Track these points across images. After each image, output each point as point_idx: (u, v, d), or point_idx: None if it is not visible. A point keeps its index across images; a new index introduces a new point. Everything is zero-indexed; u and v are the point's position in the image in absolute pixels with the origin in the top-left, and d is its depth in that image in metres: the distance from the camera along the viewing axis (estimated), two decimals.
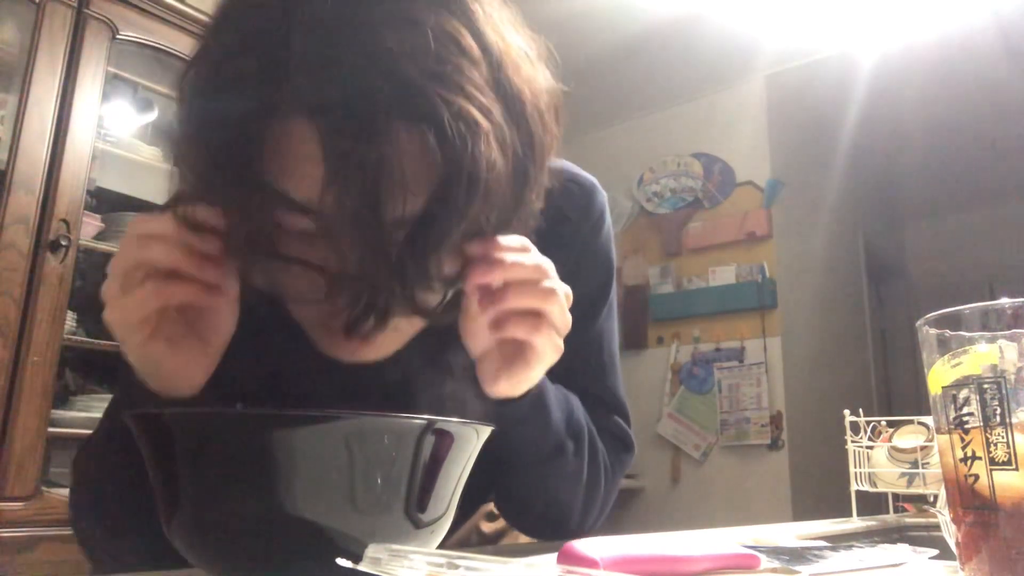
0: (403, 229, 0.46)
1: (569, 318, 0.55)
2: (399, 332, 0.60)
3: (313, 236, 0.48)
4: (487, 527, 0.88)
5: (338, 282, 0.48)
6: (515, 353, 0.54)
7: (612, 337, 0.76)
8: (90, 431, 0.69)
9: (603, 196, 0.74)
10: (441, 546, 0.45)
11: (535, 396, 0.60)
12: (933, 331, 0.44)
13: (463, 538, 0.85)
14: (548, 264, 0.53)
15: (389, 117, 0.43)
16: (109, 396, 2.00)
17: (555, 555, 0.46)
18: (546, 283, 0.52)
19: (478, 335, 0.54)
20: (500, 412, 0.58)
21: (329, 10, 0.44)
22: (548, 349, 0.54)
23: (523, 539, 0.92)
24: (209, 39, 0.49)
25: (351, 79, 0.43)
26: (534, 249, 0.53)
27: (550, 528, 0.72)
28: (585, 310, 0.69)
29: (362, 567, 0.34)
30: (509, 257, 0.50)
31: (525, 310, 0.52)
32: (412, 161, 0.44)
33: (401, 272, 0.47)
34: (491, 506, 0.88)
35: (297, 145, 0.45)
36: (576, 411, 0.67)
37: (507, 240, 0.51)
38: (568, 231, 0.70)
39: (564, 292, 0.54)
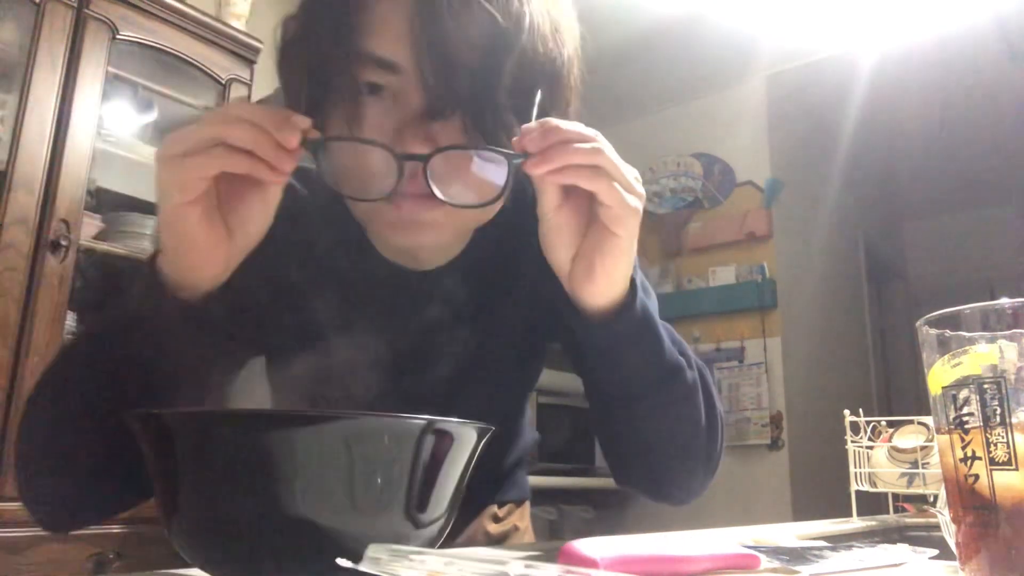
0: (472, 81, 0.54)
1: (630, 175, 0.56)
2: (448, 229, 0.62)
3: (383, 117, 0.56)
4: (493, 528, 0.88)
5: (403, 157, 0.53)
6: (600, 239, 0.56)
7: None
8: None
9: None
10: (446, 547, 0.45)
11: (642, 309, 0.60)
12: (933, 331, 0.44)
13: (469, 539, 0.86)
14: (595, 132, 0.54)
15: None
16: None
17: (555, 555, 0.46)
18: (597, 144, 0.53)
19: (561, 230, 0.57)
20: (610, 332, 0.59)
21: None
22: (624, 209, 0.55)
23: (528, 539, 0.93)
24: None
25: None
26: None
27: (676, 481, 0.71)
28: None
29: (362, 567, 0.34)
30: (561, 124, 0.53)
31: (584, 164, 0.53)
32: (480, 24, 0.54)
33: (479, 117, 0.55)
34: (495, 508, 0.89)
35: (386, 4, 0.55)
36: (673, 332, 0.66)
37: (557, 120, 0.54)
38: None
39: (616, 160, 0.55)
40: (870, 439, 1.26)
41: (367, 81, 0.56)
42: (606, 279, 0.57)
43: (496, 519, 0.89)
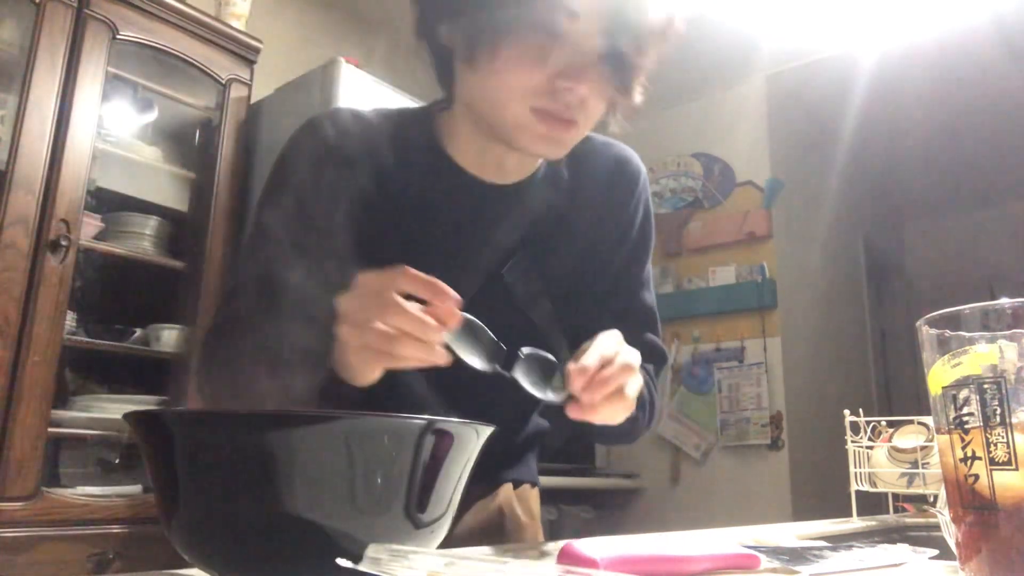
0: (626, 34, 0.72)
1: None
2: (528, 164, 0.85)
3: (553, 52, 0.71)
4: (512, 508, 0.93)
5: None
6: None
7: (647, 258, 0.96)
8: (90, 431, 0.70)
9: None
10: (463, 521, 0.45)
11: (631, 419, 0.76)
12: (933, 331, 0.44)
13: (488, 513, 0.91)
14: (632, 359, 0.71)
15: None
16: (109, 396, 2.00)
17: (555, 555, 0.46)
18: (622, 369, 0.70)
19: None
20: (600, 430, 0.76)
21: None
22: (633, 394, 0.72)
23: (536, 531, 0.95)
24: None
25: None
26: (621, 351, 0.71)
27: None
28: (620, 239, 0.91)
29: (362, 567, 0.34)
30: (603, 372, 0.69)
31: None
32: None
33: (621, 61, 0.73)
34: (511, 487, 0.95)
35: None
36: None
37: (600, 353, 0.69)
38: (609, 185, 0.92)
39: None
40: (870, 439, 1.26)
41: (550, 26, 0.70)
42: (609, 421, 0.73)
43: (517, 500, 0.94)
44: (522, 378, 0.67)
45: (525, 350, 0.67)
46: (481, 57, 0.72)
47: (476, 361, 0.64)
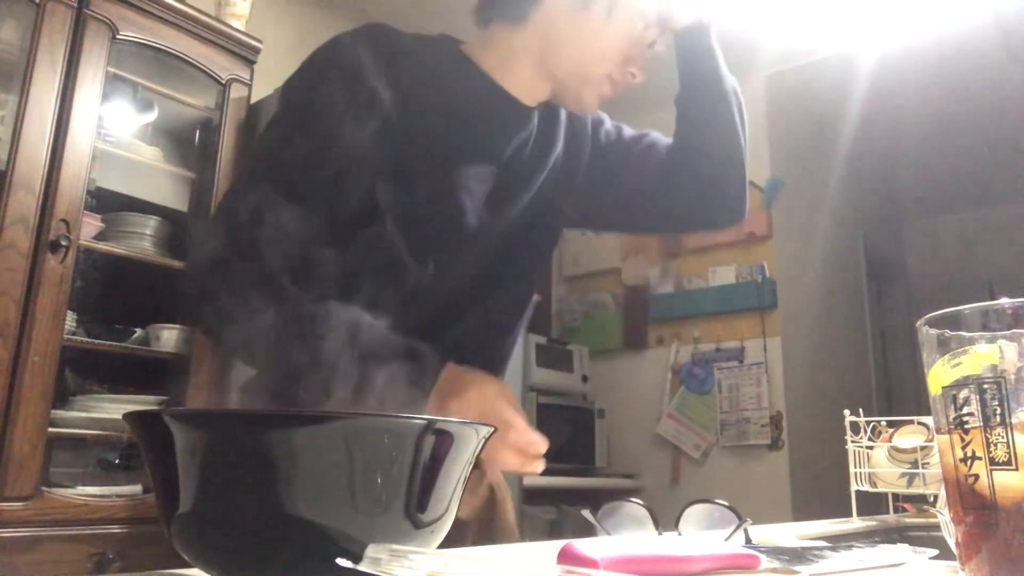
0: None
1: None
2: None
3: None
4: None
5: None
6: None
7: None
8: (90, 431, 0.70)
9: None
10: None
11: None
12: (933, 331, 0.44)
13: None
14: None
15: None
16: (109, 396, 2.00)
17: (555, 555, 0.46)
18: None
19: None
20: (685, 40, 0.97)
21: None
22: None
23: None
24: None
25: None
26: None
27: (718, 189, 1.03)
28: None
29: (362, 567, 0.34)
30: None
31: None
32: None
33: None
34: None
35: None
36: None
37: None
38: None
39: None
40: (870, 439, 1.25)
41: (646, 14, 0.87)
42: None
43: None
44: None
45: None
46: (599, 10, 0.85)
47: None
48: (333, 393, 0.60)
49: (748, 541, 0.69)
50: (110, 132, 2.01)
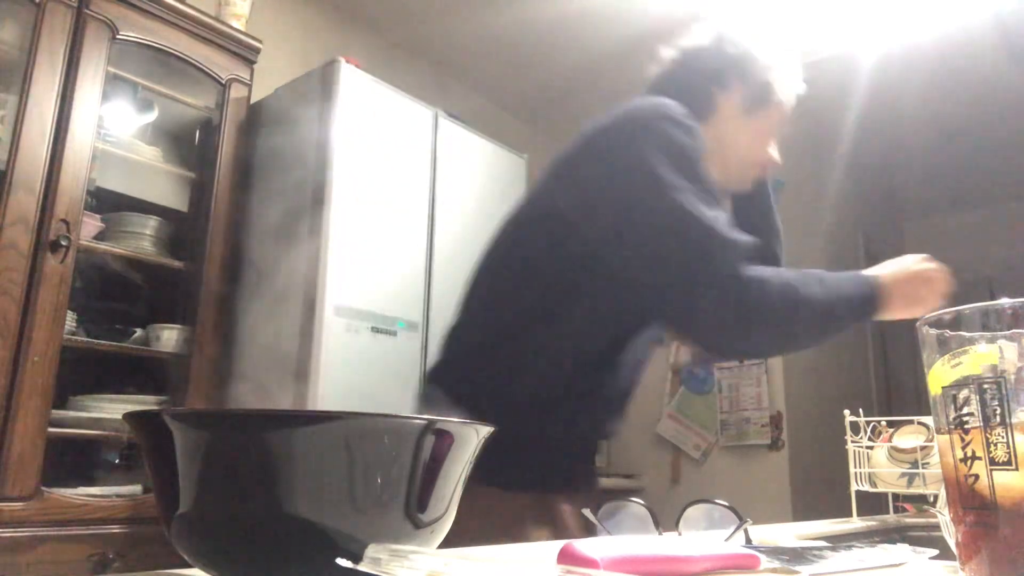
0: None
1: None
2: None
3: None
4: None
5: None
6: None
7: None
8: (90, 431, 0.69)
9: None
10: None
11: None
12: (933, 331, 0.44)
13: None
14: None
15: None
16: (109, 396, 2.00)
17: (555, 555, 0.46)
18: None
19: None
20: None
21: None
22: None
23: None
24: None
25: None
26: None
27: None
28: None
29: (362, 567, 0.34)
30: None
31: None
32: None
33: None
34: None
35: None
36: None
37: None
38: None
39: None
40: (870, 439, 1.26)
41: (789, 103, 1.22)
42: None
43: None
44: None
45: None
46: (760, 111, 1.19)
47: None
48: None
49: (748, 541, 0.69)
50: (110, 132, 2.02)
